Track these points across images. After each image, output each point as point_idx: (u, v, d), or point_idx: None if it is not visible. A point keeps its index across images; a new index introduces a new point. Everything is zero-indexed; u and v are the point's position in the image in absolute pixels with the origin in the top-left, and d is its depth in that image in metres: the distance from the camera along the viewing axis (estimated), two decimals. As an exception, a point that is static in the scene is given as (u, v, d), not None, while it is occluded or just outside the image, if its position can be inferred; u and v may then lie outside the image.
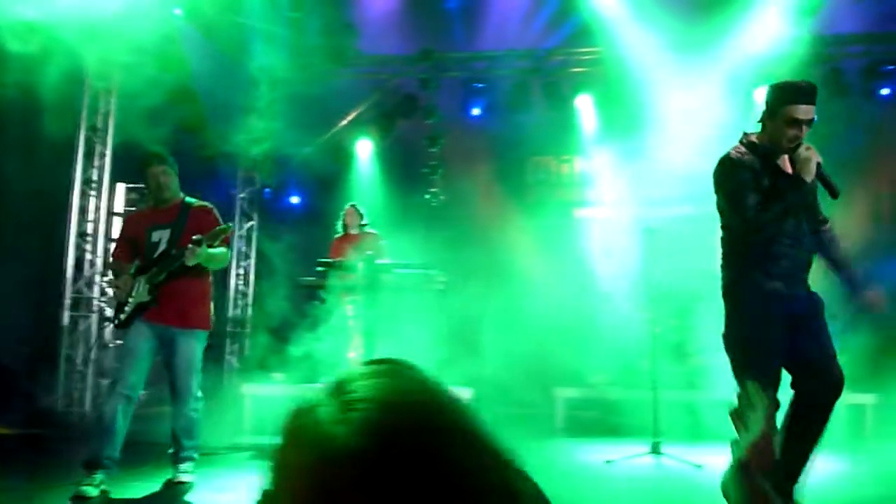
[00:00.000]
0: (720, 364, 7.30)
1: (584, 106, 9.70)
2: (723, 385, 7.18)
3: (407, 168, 9.97)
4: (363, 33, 9.50)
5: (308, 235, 9.37)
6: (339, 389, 0.81)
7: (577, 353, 8.26)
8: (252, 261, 10.16)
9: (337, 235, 8.16)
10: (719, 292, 3.91)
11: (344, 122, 10.26)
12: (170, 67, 7.15)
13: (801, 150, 3.57)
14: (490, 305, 8.62)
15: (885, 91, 9.11)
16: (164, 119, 6.74)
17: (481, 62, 9.71)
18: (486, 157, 10.00)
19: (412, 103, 9.96)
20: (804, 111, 3.55)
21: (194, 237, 4.69)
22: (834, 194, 3.67)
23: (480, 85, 9.76)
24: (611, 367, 8.04)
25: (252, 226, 10.21)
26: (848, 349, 8.07)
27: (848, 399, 7.78)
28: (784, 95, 3.61)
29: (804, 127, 3.57)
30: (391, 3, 9.67)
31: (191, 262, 4.70)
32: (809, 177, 3.53)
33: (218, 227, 4.85)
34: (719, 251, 3.86)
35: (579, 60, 9.40)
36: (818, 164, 3.55)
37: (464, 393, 7.23)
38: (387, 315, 7.70)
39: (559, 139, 9.83)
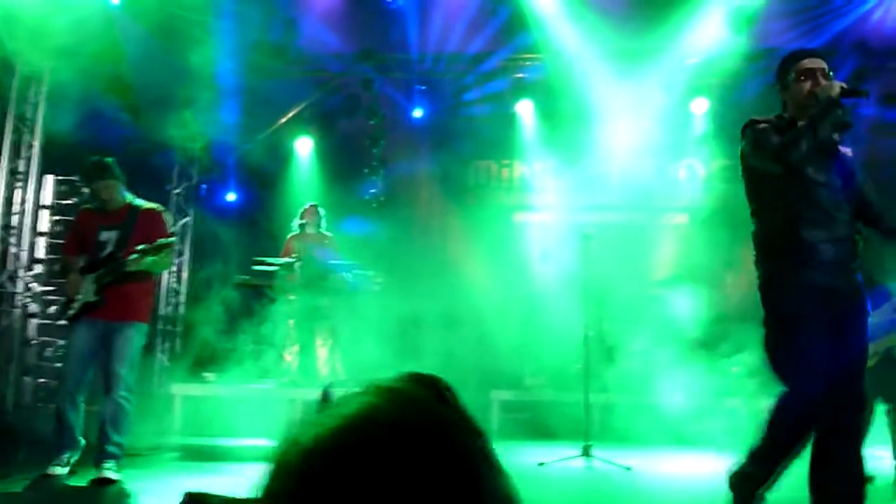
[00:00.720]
0: (650, 368, 7.49)
1: (525, 111, 9.78)
2: (653, 388, 7.35)
3: (347, 168, 9.91)
4: (306, 31, 9.41)
5: (244, 233, 9.23)
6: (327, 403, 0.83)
7: (514, 356, 8.32)
8: (186, 258, 9.95)
9: (293, 234, 8.06)
10: (658, 296, 3.84)
11: (284, 120, 10.14)
12: (104, 58, 6.96)
13: (823, 83, 3.39)
14: (428, 306, 8.61)
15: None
16: (96, 111, 6.56)
17: (424, 64, 9.70)
18: (427, 160, 10.00)
19: (354, 103, 9.90)
20: (812, 61, 3.47)
21: (138, 248, 4.84)
22: (866, 95, 3.66)
23: (423, 87, 9.76)
24: (546, 370, 8.11)
25: (187, 222, 10.00)
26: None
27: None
28: (788, 60, 3.56)
29: (819, 77, 3.42)
30: (334, 1, 9.60)
31: (133, 269, 4.87)
32: (834, 92, 3.28)
33: (161, 241, 4.93)
34: (752, 249, 3.57)
35: (521, 66, 9.47)
36: (841, 86, 3.33)
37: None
38: (325, 315, 7.65)
39: (500, 143, 9.90)
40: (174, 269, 9.80)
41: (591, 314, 6.49)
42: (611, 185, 9.47)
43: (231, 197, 10.52)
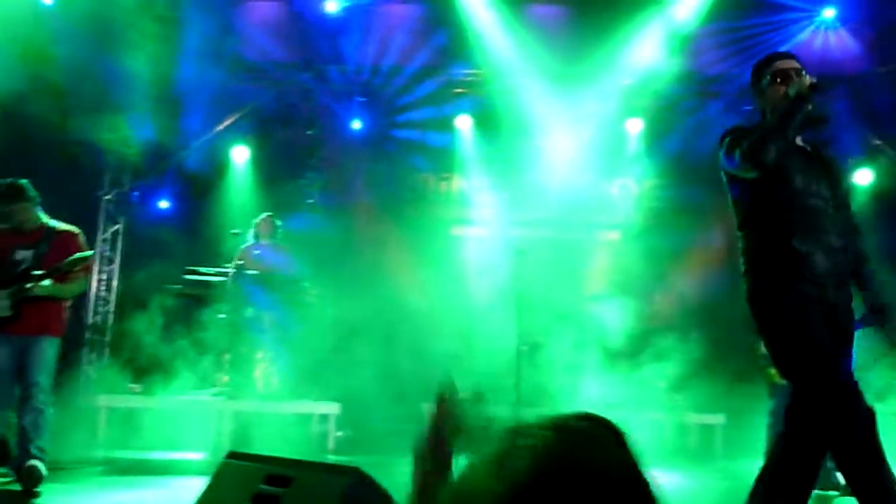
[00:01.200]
0: (579, 381, 7.62)
1: (464, 126, 9.87)
2: (581, 402, 7.47)
3: (284, 178, 9.82)
4: (246, 38, 9.32)
5: (178, 241, 9.05)
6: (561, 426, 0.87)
7: (448, 369, 8.34)
8: (116, 266, 9.72)
9: (246, 244, 7.94)
10: (590, 310, 3.79)
11: (220, 127, 10.00)
12: (33, 58, 6.78)
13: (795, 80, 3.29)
14: (365, 318, 8.58)
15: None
16: (23, 113, 6.37)
17: (364, 76, 9.71)
18: (365, 171, 9.99)
19: (292, 112, 9.84)
20: (785, 62, 3.40)
21: (38, 273, 4.89)
22: (839, 85, 3.43)
23: (363, 99, 9.76)
24: (479, 383, 8.15)
25: (118, 229, 9.77)
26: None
27: (700, 419, 8.25)
28: (761, 65, 3.47)
29: (793, 76, 3.31)
30: (276, 10, 9.54)
31: (38, 293, 4.92)
32: (803, 86, 3.17)
33: (76, 256, 4.98)
34: (741, 258, 3.41)
35: (462, 81, 9.55)
36: (812, 79, 3.22)
37: (331, 408, 7.19)
38: (263, 326, 7.56)
39: (439, 157, 9.96)
40: (104, 277, 9.57)
41: (524, 328, 6.58)
42: (547, 201, 9.63)
43: (164, 204, 10.32)
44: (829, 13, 7.86)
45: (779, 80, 3.34)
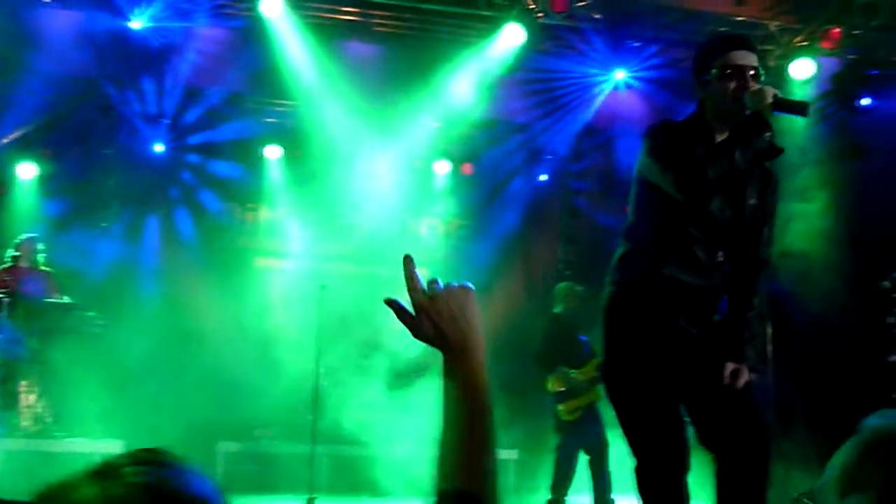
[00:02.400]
0: (382, 419, 7.62)
1: (273, 155, 9.72)
2: (384, 437, 7.47)
3: (76, 199, 9.19)
4: (43, 48, 8.67)
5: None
6: None
7: (246, 406, 8.10)
8: None
9: (4, 265, 7.27)
10: (394, 349, 3.51)
11: (5, 140, 9.21)
12: None
13: (752, 87, 2.78)
14: (157, 351, 8.17)
15: (542, 177, 10.34)
16: None
17: (167, 97, 9.28)
18: (166, 197, 9.55)
19: (89, 129, 9.24)
20: (741, 55, 2.83)
21: None
22: (803, 110, 2.80)
23: (167, 121, 9.35)
24: (277, 420, 7.97)
25: None
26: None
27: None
28: (711, 50, 2.94)
29: (748, 78, 2.79)
30: (76, 21, 8.95)
31: None
32: (766, 101, 2.68)
33: None
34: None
35: (272, 110, 9.38)
36: (775, 95, 2.72)
37: (114, 446, 6.73)
38: (32, 357, 6.98)
39: (245, 186, 9.73)
40: None
41: (325, 363, 6.51)
42: (354, 236, 9.65)
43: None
44: (620, 75, 8.43)
45: (730, 74, 2.81)
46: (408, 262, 1.37)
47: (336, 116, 8.62)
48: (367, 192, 9.24)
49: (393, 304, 1.33)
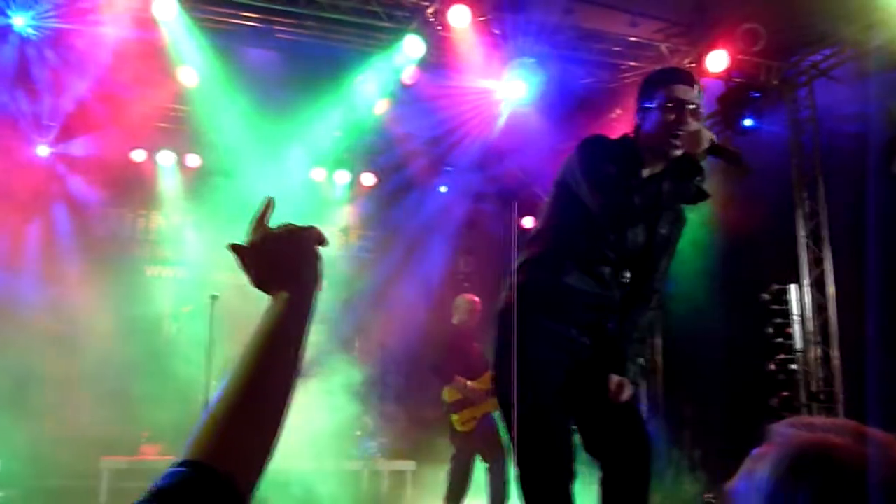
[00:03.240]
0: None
1: (166, 162, 9.44)
2: (280, 452, 7.30)
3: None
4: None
5: None
6: None
7: (134, 421, 7.81)
8: None
9: None
10: None
11: None
12: None
13: (692, 123, 2.83)
14: (38, 363, 7.80)
15: (443, 188, 10.41)
16: None
17: (60, 100, 8.82)
18: (52, 203, 9.12)
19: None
20: (684, 91, 2.88)
21: None
22: (737, 160, 2.83)
23: (51, 123, 8.92)
24: (167, 435, 7.70)
25: None
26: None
27: (392, 466, 8.47)
28: (657, 81, 2.98)
29: (687, 113, 2.84)
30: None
31: None
32: (701, 145, 2.72)
33: None
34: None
35: (165, 113, 9.08)
36: (711, 140, 2.76)
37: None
38: None
39: (135, 192, 9.41)
40: None
41: (214, 376, 6.34)
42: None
43: None
44: (515, 89, 8.51)
45: (670, 106, 2.86)
46: (268, 203, 1.30)
47: (233, 123, 8.43)
48: (260, 200, 9.06)
49: (234, 247, 1.25)
